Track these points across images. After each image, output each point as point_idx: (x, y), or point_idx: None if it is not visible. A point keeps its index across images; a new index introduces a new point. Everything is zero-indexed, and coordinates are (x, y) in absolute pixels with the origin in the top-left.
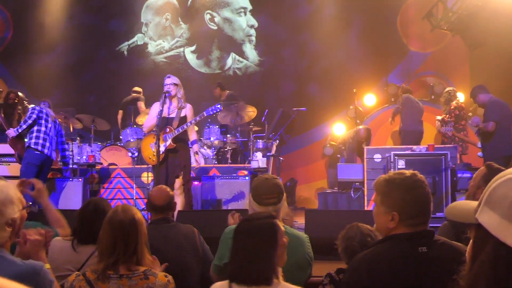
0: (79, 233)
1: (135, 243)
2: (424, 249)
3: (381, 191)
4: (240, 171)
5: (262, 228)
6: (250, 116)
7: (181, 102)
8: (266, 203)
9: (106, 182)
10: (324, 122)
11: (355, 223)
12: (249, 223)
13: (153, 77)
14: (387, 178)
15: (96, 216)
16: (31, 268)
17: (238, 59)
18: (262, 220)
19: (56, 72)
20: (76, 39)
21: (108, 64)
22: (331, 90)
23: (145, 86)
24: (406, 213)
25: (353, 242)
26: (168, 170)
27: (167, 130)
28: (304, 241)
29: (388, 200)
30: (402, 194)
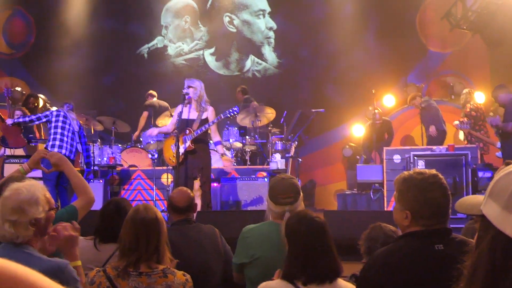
0: (101, 232)
1: (157, 241)
2: (441, 247)
3: (398, 188)
4: (259, 172)
5: (318, 226)
6: (269, 117)
7: (202, 104)
8: (282, 202)
9: (126, 184)
10: (343, 123)
11: (378, 223)
12: (301, 224)
13: (172, 79)
14: (406, 176)
15: (117, 215)
16: (56, 265)
17: (257, 61)
18: (312, 219)
19: (77, 75)
20: (97, 42)
21: (129, 67)
22: (349, 91)
23: (165, 89)
24: (418, 213)
25: (376, 244)
26: (187, 171)
27: (187, 132)
28: None
29: (403, 199)
30: (416, 194)
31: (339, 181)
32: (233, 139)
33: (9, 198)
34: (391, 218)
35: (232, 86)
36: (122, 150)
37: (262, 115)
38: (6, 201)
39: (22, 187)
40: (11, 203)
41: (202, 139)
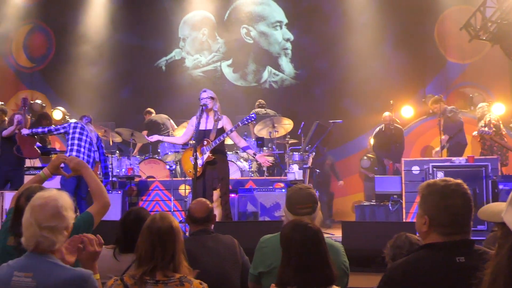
0: (121, 242)
1: (173, 250)
2: (462, 259)
3: (421, 194)
4: (277, 183)
5: (312, 233)
6: (286, 128)
7: (217, 115)
8: (300, 213)
9: (144, 195)
10: (360, 134)
11: (403, 233)
12: (295, 232)
13: (190, 91)
14: (430, 182)
15: (137, 225)
16: (80, 275)
17: (274, 72)
18: (306, 227)
19: (96, 87)
20: (115, 55)
21: (147, 79)
22: (367, 102)
23: (183, 100)
24: (437, 219)
25: (402, 251)
26: (206, 182)
27: (205, 142)
28: (339, 250)
29: (424, 204)
30: (436, 200)
31: (357, 193)
32: None
33: (47, 205)
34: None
35: (249, 97)
36: (140, 161)
37: (280, 126)
38: (44, 208)
39: (55, 193)
40: (50, 209)
41: (220, 149)
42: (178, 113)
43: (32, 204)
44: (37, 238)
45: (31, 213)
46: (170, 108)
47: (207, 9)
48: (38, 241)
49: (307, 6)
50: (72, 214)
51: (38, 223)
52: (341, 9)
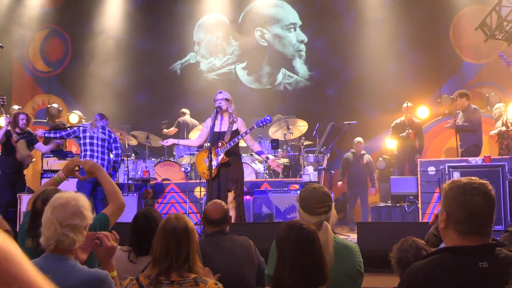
0: (135, 247)
1: (187, 250)
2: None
3: (444, 189)
4: (292, 185)
5: (307, 234)
6: (301, 130)
7: (232, 117)
8: (318, 212)
9: (160, 197)
10: (375, 135)
11: (410, 237)
12: (290, 232)
13: (205, 95)
14: (455, 179)
15: (148, 226)
16: (97, 276)
17: (289, 74)
18: (301, 227)
19: (112, 91)
20: (131, 59)
21: (162, 82)
22: (382, 103)
23: (198, 103)
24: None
25: (407, 254)
26: (220, 184)
27: (219, 144)
28: (354, 251)
29: (444, 199)
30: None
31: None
32: (265, 152)
33: (68, 204)
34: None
35: (264, 100)
36: (155, 164)
37: (294, 128)
38: (66, 207)
39: (74, 194)
40: (71, 208)
41: (234, 152)
42: (193, 116)
43: (53, 203)
44: (58, 236)
45: (52, 212)
46: None
47: (222, 12)
48: (59, 240)
49: (320, 7)
50: (90, 214)
51: (59, 221)
52: (355, 10)
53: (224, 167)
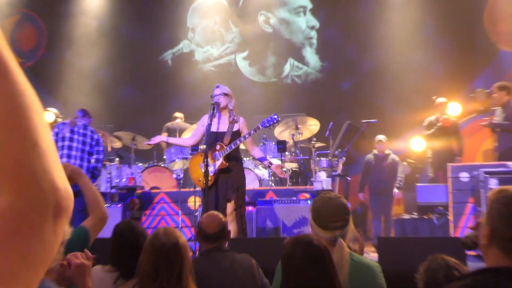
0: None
1: (179, 270)
2: None
3: (489, 199)
4: (301, 194)
5: (315, 251)
6: (311, 130)
7: (232, 115)
8: (332, 227)
9: (148, 208)
10: (399, 136)
11: (439, 254)
12: (296, 248)
13: (200, 89)
14: (502, 188)
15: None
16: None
17: (297, 65)
18: (309, 244)
19: (92, 86)
20: (114, 49)
21: (150, 75)
22: (406, 98)
23: (192, 100)
24: (497, 230)
25: (437, 275)
26: (218, 193)
27: (218, 147)
28: (376, 271)
29: (489, 211)
30: (500, 207)
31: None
32: (270, 155)
33: None
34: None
35: (268, 95)
36: (143, 170)
37: (304, 127)
38: None
39: None
40: None
41: (235, 156)
42: (187, 114)
43: None
44: None
45: None
46: (177, 108)
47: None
48: None
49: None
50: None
51: None
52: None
53: (223, 173)
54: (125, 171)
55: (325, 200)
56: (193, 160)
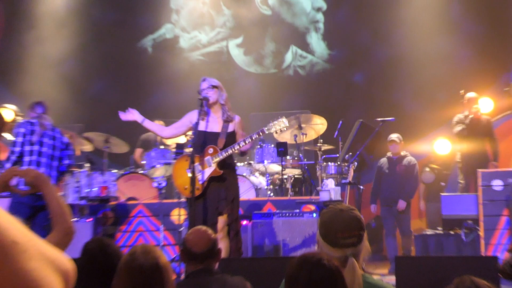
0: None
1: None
2: None
3: None
4: (305, 205)
5: (324, 274)
6: (317, 130)
7: (226, 112)
8: (343, 244)
9: (124, 223)
10: (420, 137)
11: (468, 276)
12: (302, 269)
13: (186, 81)
14: None
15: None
16: None
17: (301, 54)
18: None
19: (58, 79)
20: (85, 35)
21: (127, 66)
22: (428, 92)
23: (177, 94)
24: None
25: None
26: (208, 204)
27: (211, 150)
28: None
29: None
30: None
31: (416, 218)
32: (268, 160)
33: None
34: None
35: (267, 89)
36: (118, 177)
37: (309, 126)
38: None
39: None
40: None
41: (229, 162)
42: (170, 112)
43: None
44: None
45: None
46: (158, 106)
47: None
48: None
49: None
50: None
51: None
52: None
53: (215, 182)
54: (97, 179)
55: (335, 212)
56: (177, 165)
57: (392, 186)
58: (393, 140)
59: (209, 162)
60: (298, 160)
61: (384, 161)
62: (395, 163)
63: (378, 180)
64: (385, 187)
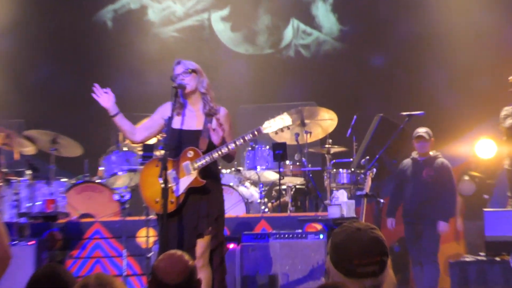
0: None
1: None
2: None
3: None
4: (310, 224)
5: None
6: (325, 127)
7: (208, 103)
8: (361, 273)
9: (76, 247)
10: (458, 136)
11: None
12: None
13: (157, 65)
14: None
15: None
16: None
17: (304, 30)
18: None
19: None
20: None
21: (81, 45)
22: (467, 79)
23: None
24: None
25: None
26: (184, 223)
27: (190, 154)
28: None
29: None
30: None
31: (452, 241)
32: (262, 166)
33: None
34: None
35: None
36: (68, 188)
37: (314, 123)
38: None
39: None
40: None
41: (212, 169)
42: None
43: None
44: None
45: None
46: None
47: None
48: None
49: None
50: None
51: None
52: None
53: (195, 194)
54: (41, 190)
55: (351, 232)
56: (146, 172)
57: (417, 196)
58: (421, 136)
59: (188, 168)
60: (301, 166)
61: (407, 163)
62: (422, 166)
63: (399, 188)
64: (409, 197)
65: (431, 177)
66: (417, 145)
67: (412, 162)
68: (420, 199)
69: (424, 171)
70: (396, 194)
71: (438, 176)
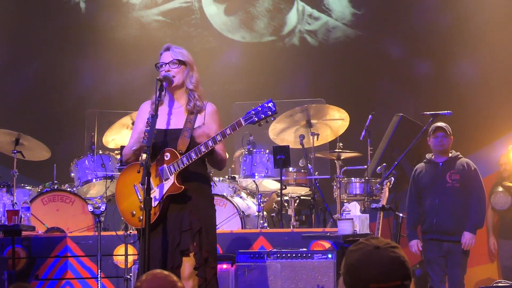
0: None
1: None
2: None
3: None
4: (317, 242)
5: None
6: (335, 129)
7: (194, 98)
8: None
9: (42, 267)
10: (491, 141)
11: None
12: None
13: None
14: None
15: None
16: None
17: (311, 14)
18: None
19: None
20: None
21: (49, 30)
22: (503, 75)
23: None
24: None
25: None
26: (168, 238)
27: (167, 156)
28: None
29: None
30: None
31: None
32: (261, 173)
33: None
34: None
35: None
36: (33, 198)
37: (322, 123)
38: None
39: None
40: None
41: (197, 173)
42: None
43: None
44: None
45: None
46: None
47: None
48: None
49: None
50: None
51: None
52: None
53: (175, 203)
54: (2, 199)
55: (368, 251)
56: (123, 179)
57: (440, 206)
58: (441, 128)
59: (166, 173)
60: (306, 174)
61: (422, 168)
62: (444, 169)
63: (417, 198)
64: (429, 209)
65: (457, 182)
66: (435, 140)
67: (430, 165)
68: (445, 210)
69: (448, 175)
70: (413, 208)
71: (464, 180)
